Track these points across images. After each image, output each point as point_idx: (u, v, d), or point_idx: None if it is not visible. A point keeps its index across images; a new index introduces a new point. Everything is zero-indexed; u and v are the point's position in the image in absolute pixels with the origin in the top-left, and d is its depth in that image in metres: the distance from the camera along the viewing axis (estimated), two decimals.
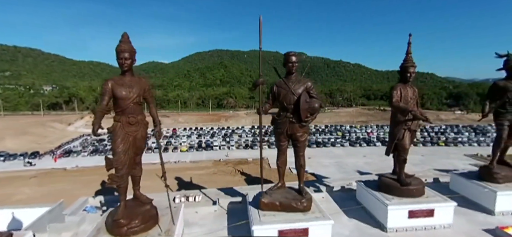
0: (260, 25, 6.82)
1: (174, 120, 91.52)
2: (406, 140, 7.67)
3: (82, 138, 77.51)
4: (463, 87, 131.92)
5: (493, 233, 7.16)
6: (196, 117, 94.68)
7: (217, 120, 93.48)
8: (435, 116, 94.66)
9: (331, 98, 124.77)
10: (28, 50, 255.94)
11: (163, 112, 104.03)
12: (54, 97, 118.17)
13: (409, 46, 7.92)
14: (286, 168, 7.65)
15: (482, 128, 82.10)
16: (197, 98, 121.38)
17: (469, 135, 74.83)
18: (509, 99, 8.45)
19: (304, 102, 6.59)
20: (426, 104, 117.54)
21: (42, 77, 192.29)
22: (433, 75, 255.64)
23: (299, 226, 6.56)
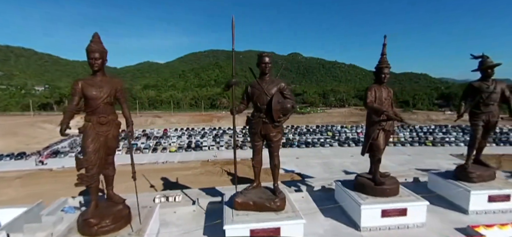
0: (233, 26, 6.84)
1: (166, 120, 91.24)
2: (380, 140, 7.75)
3: (71, 139, 77.12)
4: (454, 88, 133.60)
5: (464, 232, 7.27)
6: (188, 117, 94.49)
7: (209, 120, 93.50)
8: (426, 117, 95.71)
9: (324, 98, 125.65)
10: (21, 50, 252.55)
11: (155, 112, 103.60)
12: (45, 98, 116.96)
13: (384, 48, 8.01)
14: (261, 167, 7.66)
15: (470, 128, 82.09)
16: (190, 99, 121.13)
17: (457, 135, 75.85)
18: (483, 100, 8.59)
19: (276, 103, 6.63)
20: (417, 105, 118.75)
21: (35, 77, 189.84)
22: (426, 76, 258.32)
23: (270, 225, 6.59)
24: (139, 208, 6.67)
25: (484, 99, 8.55)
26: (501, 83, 8.61)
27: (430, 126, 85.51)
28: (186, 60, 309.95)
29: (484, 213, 8.23)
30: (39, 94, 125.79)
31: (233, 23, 6.81)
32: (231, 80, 7.11)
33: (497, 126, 9.12)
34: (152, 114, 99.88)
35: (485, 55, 8.68)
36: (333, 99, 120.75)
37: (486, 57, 8.64)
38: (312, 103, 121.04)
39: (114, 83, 6.39)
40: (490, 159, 51.26)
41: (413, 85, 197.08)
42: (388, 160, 47.20)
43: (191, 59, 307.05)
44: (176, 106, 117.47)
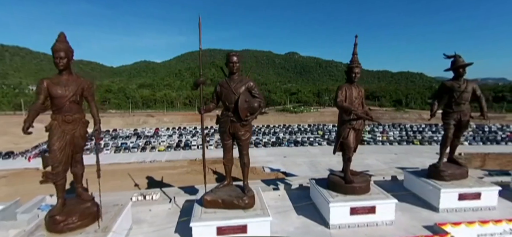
0: (200, 26, 6.90)
1: (159, 119, 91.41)
2: (350, 139, 7.83)
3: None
4: None
5: (431, 229, 7.36)
6: (181, 117, 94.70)
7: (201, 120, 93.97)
8: (418, 116, 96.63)
9: (319, 97, 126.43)
10: (16, 49, 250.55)
11: (148, 112, 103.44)
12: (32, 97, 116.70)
13: (355, 47, 8.09)
14: (231, 165, 7.71)
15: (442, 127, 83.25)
16: (184, 98, 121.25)
17: None
18: (455, 99, 8.70)
19: (243, 101, 6.69)
20: (410, 104, 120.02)
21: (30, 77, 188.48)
22: (422, 75, 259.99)
23: (237, 223, 6.65)
24: (100, 207, 6.71)
25: (456, 99, 8.66)
26: (472, 82, 8.72)
27: (421, 125, 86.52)
28: (183, 59, 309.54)
29: (455, 211, 8.33)
30: (31, 93, 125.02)
31: (200, 23, 6.89)
32: (198, 79, 7.16)
33: (469, 124, 9.22)
34: (145, 113, 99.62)
35: (458, 55, 8.78)
36: (327, 99, 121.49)
37: (458, 56, 8.75)
38: (305, 103, 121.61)
39: (81, 82, 6.42)
40: (475, 157, 52.71)
41: (409, 84, 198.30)
42: (375, 159, 47.90)
43: (188, 58, 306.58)
44: (170, 106, 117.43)
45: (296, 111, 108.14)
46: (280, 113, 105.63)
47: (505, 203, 8.97)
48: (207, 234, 6.64)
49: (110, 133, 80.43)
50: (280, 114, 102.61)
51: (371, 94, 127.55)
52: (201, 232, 6.64)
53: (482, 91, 8.75)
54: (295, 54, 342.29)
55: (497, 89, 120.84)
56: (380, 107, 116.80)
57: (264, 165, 44.49)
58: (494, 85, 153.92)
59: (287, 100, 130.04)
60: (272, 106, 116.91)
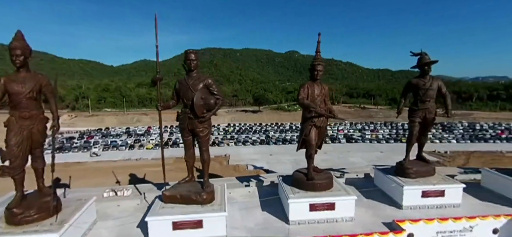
0: (156, 24, 6.96)
1: (153, 118, 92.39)
2: (312, 136, 7.89)
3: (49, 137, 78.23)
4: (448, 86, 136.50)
5: (389, 226, 7.42)
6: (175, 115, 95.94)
7: None
8: None
9: None
10: None
11: (143, 110, 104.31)
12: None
13: (318, 45, 8.16)
14: (194, 161, 7.79)
15: (450, 125, 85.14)
16: None
17: (435, 132, 77.41)
18: (420, 97, 8.74)
19: (199, 98, 6.76)
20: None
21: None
22: None
23: (193, 218, 6.73)
24: (51, 200, 6.78)
25: (421, 96, 8.71)
26: (438, 80, 8.77)
27: None
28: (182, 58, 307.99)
29: (418, 208, 8.37)
30: None
31: (156, 21, 6.96)
32: (155, 76, 7.23)
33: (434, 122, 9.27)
34: (139, 112, 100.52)
35: (424, 52, 8.83)
36: None
37: (424, 54, 8.80)
38: None
39: (39, 79, 6.55)
40: (461, 155, 53.03)
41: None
42: (359, 157, 48.11)
43: None
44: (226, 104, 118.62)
45: (290, 109, 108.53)
46: (274, 111, 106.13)
47: (472, 201, 9.01)
48: (162, 228, 6.73)
49: (102, 131, 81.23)
50: (274, 113, 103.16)
51: (367, 93, 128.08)
52: (157, 226, 6.74)
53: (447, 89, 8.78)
54: (295, 53, 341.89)
55: (492, 88, 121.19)
56: (375, 106, 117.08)
57: (248, 163, 45.06)
58: (494, 83, 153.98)
59: (283, 99, 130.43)
60: (266, 104, 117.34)
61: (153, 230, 6.77)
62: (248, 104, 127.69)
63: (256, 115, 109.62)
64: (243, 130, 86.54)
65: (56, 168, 6.84)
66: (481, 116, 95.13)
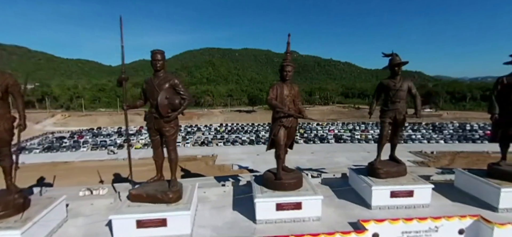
0: (121, 25, 7.01)
1: None
2: (280, 136, 7.95)
3: (43, 136, 79.01)
4: (440, 86, 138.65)
5: (354, 226, 7.49)
6: None
7: (189, 118, 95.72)
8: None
9: (310, 96, 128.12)
10: (14, 48, 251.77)
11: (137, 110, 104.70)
12: (27, 96, 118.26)
13: (288, 47, 8.23)
14: (163, 161, 7.85)
15: (440, 125, 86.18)
16: None
17: (426, 132, 77.99)
18: (390, 97, 8.82)
19: (163, 98, 6.82)
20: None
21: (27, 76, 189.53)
22: (421, 74, 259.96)
23: (157, 216, 6.81)
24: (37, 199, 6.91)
25: (391, 97, 8.79)
26: (408, 80, 8.85)
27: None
28: (181, 58, 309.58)
29: (387, 208, 8.45)
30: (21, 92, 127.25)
31: (121, 22, 7.01)
32: (120, 76, 7.28)
33: (405, 122, 9.35)
34: (133, 112, 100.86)
35: (394, 53, 8.91)
36: (317, 97, 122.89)
37: (395, 55, 8.88)
38: None
39: (5, 78, 6.59)
40: (446, 155, 53.62)
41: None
42: (345, 157, 48.46)
43: (187, 57, 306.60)
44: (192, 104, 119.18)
45: None
46: (268, 111, 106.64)
47: (443, 201, 9.09)
48: (126, 226, 6.79)
49: (93, 131, 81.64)
50: (268, 113, 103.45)
51: (362, 93, 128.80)
52: (121, 224, 6.80)
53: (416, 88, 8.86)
54: (294, 53, 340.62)
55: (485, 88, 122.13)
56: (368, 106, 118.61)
57: (235, 163, 45.16)
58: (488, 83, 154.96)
59: None
60: (260, 104, 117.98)
61: (117, 228, 6.83)
62: (243, 104, 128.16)
63: (250, 115, 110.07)
64: (234, 130, 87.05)
65: (43, 167, 7.01)
66: (473, 116, 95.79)
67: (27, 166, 48.95)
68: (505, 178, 8.59)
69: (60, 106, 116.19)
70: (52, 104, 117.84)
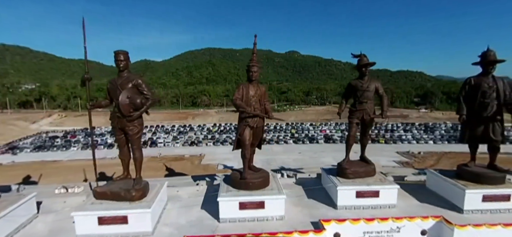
0: (84, 26, 7.14)
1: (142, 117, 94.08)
2: (245, 136, 8.06)
3: (36, 135, 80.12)
4: (436, 86, 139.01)
5: (316, 225, 7.57)
6: (164, 115, 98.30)
7: (184, 118, 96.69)
8: (399, 114, 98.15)
9: (307, 96, 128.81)
10: (16, 48, 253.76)
11: None
12: (24, 96, 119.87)
13: (254, 47, 8.35)
14: (129, 159, 7.97)
15: (433, 125, 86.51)
16: (172, 97, 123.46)
17: (417, 132, 78.30)
18: (358, 98, 8.91)
19: (124, 98, 6.95)
20: (395, 103, 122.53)
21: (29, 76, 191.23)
22: (422, 74, 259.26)
23: (118, 214, 6.95)
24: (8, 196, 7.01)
25: (359, 97, 8.87)
26: (375, 81, 8.94)
27: (396, 124, 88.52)
28: (183, 58, 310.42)
29: (353, 208, 8.52)
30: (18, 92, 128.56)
31: (83, 24, 7.14)
32: (84, 76, 7.41)
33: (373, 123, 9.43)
34: None
35: (363, 54, 9.00)
36: (313, 97, 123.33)
37: (363, 56, 8.97)
38: (293, 102, 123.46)
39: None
40: (433, 155, 53.83)
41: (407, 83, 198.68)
42: (332, 157, 48.57)
43: (188, 58, 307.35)
44: (157, 104, 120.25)
45: (279, 110, 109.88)
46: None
47: (411, 202, 9.15)
48: (88, 223, 6.93)
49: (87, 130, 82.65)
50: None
51: None
52: (83, 221, 6.95)
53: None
54: (295, 53, 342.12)
55: None
56: None
57: (220, 162, 45.48)
58: None
59: (276, 99, 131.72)
60: None
61: (80, 224, 6.98)
62: None
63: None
64: (226, 130, 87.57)
65: (32, 166, 7.16)
66: None
67: (16, 164, 50.07)
68: (472, 179, 8.66)
69: (58, 106, 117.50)
70: (50, 104, 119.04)
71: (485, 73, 8.48)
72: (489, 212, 8.32)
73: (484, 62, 8.46)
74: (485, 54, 8.44)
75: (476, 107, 8.48)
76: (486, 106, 8.32)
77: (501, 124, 8.46)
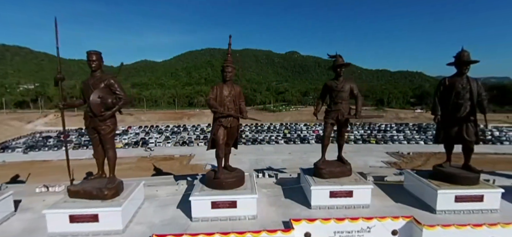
0: (56, 27, 7.23)
1: (137, 118, 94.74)
2: (219, 136, 8.14)
3: (30, 135, 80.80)
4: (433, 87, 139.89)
5: (286, 225, 7.65)
6: (159, 115, 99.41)
7: (179, 118, 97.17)
8: (395, 115, 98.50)
9: (304, 97, 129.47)
10: (16, 49, 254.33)
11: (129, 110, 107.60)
12: (21, 96, 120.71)
13: (229, 48, 8.46)
14: (103, 159, 8.06)
15: (426, 126, 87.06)
16: (169, 97, 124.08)
17: (410, 133, 79.08)
18: (333, 99, 8.99)
19: (95, 98, 7.06)
20: (392, 103, 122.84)
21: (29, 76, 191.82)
22: (421, 74, 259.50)
23: (89, 212, 7.05)
24: None
25: (334, 98, 8.96)
26: (350, 81, 9.02)
27: (390, 124, 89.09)
28: (183, 58, 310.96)
29: (327, 208, 8.58)
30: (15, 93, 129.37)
31: (56, 24, 7.24)
32: (56, 76, 7.50)
33: (349, 123, 9.51)
34: (125, 112, 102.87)
35: (338, 55, 9.09)
36: (310, 98, 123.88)
37: (339, 56, 9.06)
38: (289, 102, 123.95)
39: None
40: (423, 156, 54.23)
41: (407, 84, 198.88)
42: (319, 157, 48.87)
43: (188, 58, 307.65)
44: (154, 104, 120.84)
45: (274, 110, 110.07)
46: (259, 112, 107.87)
47: (386, 202, 9.20)
48: (60, 220, 7.04)
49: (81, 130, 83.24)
50: (258, 113, 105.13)
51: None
52: (55, 219, 7.06)
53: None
54: (294, 53, 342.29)
55: None
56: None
57: (208, 162, 45.11)
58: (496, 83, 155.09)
59: (273, 100, 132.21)
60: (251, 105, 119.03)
61: (51, 222, 7.09)
62: None
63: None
64: None
65: (22, 165, 7.30)
66: None
67: (7, 164, 50.65)
68: (445, 179, 8.72)
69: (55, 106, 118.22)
70: (47, 104, 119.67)
71: (460, 74, 8.54)
72: (462, 213, 8.37)
73: (458, 62, 8.52)
74: (459, 55, 8.51)
75: (450, 108, 8.55)
76: (460, 107, 8.39)
77: (474, 124, 8.52)
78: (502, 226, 7.72)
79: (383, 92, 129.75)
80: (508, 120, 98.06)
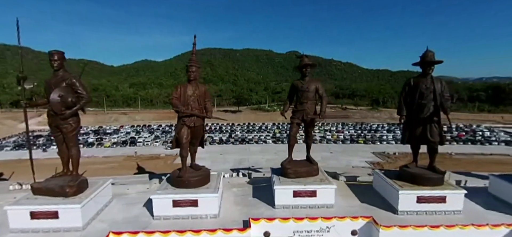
0: (18, 27, 7.36)
1: (131, 117, 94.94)
2: (182, 135, 8.24)
3: (21, 134, 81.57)
4: None
5: (246, 223, 7.74)
6: (153, 115, 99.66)
7: (173, 118, 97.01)
8: (389, 115, 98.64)
9: None
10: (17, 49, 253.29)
11: (123, 110, 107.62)
12: (17, 95, 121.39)
13: (194, 47, 8.56)
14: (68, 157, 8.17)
15: None
16: (165, 97, 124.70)
17: (400, 133, 78.94)
18: (299, 98, 9.09)
19: (55, 97, 7.19)
20: (387, 103, 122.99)
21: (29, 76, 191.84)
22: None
23: (49, 209, 7.19)
24: None
25: (299, 98, 9.06)
26: (316, 81, 9.12)
27: (382, 124, 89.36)
28: (183, 58, 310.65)
29: (291, 207, 8.65)
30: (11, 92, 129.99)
31: (18, 24, 7.37)
32: (18, 75, 7.63)
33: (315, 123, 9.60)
34: (119, 111, 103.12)
35: (304, 55, 9.20)
36: None
37: (305, 56, 9.17)
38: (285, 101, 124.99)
39: None
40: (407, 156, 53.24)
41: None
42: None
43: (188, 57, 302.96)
44: (149, 104, 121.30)
45: (269, 110, 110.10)
46: (253, 112, 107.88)
47: (352, 202, 9.27)
48: (21, 217, 7.18)
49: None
50: (252, 113, 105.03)
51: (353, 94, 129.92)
52: (16, 215, 7.20)
53: None
54: (295, 53, 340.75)
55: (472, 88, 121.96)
56: (355, 107, 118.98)
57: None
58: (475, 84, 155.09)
59: (269, 99, 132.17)
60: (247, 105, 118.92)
61: (12, 218, 7.23)
62: (232, 104, 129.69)
63: (234, 115, 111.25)
64: (212, 130, 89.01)
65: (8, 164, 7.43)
66: (458, 118, 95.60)
67: None
68: (410, 180, 8.79)
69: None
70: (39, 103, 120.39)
71: (424, 74, 8.63)
72: (425, 214, 8.43)
73: (422, 63, 8.61)
74: (424, 55, 8.60)
75: (415, 109, 8.63)
76: (423, 107, 8.47)
77: (438, 125, 8.59)
78: (460, 228, 7.79)
79: (379, 92, 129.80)
80: (502, 120, 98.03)
